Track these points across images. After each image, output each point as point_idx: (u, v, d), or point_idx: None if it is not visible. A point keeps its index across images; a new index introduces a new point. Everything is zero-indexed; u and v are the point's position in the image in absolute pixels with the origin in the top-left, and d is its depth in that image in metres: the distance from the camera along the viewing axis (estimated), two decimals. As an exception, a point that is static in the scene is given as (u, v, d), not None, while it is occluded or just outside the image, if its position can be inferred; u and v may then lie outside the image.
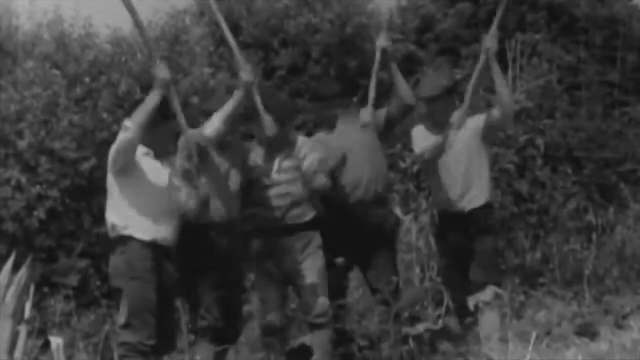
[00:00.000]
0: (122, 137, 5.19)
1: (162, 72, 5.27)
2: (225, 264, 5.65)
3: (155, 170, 5.37)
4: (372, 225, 6.00)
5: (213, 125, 5.46)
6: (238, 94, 5.54)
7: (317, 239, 5.92)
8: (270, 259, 5.86)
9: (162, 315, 5.40)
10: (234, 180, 5.71)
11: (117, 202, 5.33)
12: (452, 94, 5.98)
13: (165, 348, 5.48)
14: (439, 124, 5.90)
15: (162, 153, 5.46)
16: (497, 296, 6.01)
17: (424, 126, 6.03)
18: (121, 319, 5.30)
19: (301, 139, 5.89)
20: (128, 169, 5.28)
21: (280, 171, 5.81)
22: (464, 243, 5.98)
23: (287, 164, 5.81)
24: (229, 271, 5.69)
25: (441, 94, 5.86)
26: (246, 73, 5.49)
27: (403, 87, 5.96)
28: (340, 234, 5.97)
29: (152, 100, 5.23)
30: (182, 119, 5.31)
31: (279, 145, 5.78)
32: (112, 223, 5.34)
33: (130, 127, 5.15)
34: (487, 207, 6.07)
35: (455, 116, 5.84)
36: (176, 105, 5.31)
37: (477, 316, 6.01)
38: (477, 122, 5.93)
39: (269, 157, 5.81)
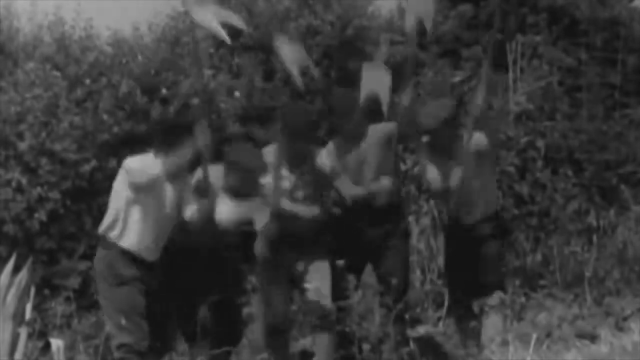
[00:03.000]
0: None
1: None
2: (221, 267, 5.68)
3: (166, 193, 5.39)
4: (384, 226, 6.07)
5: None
6: None
7: (322, 241, 5.95)
8: (275, 262, 5.90)
9: (155, 318, 5.45)
10: None
11: (118, 206, 5.35)
12: (453, 123, 5.96)
13: (163, 350, 5.51)
14: (441, 154, 5.94)
15: (179, 174, 5.48)
16: (501, 300, 6.04)
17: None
18: (118, 321, 5.32)
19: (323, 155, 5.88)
20: (146, 189, 5.31)
21: (294, 191, 5.83)
22: (471, 244, 6.04)
23: (303, 185, 5.80)
24: (227, 274, 5.70)
25: (440, 126, 5.84)
26: None
27: None
28: (352, 234, 6.05)
29: None
30: None
31: (295, 163, 5.79)
32: (109, 222, 5.38)
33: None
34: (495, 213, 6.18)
35: None
36: None
37: (480, 319, 6.03)
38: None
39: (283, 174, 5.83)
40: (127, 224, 5.33)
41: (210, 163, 5.41)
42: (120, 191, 5.39)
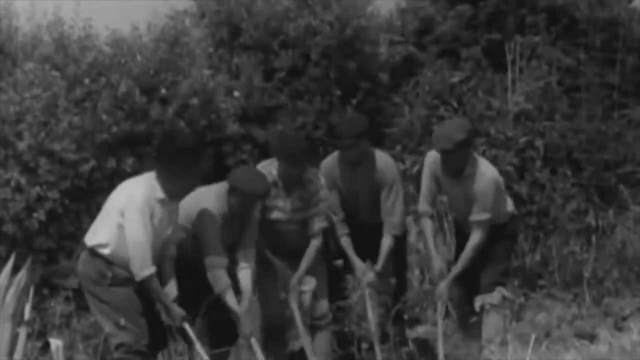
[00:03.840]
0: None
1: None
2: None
3: (162, 221, 5.37)
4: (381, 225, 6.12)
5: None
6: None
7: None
8: (271, 264, 5.92)
9: (147, 315, 5.45)
10: None
11: (119, 233, 5.32)
12: (467, 144, 5.99)
13: (157, 346, 5.51)
14: (453, 172, 6.00)
15: (179, 197, 5.48)
16: (504, 299, 6.05)
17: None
18: (119, 321, 5.31)
19: (320, 180, 5.97)
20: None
21: (292, 211, 5.85)
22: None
23: (298, 204, 5.86)
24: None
25: (454, 148, 5.87)
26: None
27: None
28: (352, 235, 6.10)
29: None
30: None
31: (292, 186, 5.86)
32: (103, 242, 5.35)
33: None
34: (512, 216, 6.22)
35: (441, 287, 6.11)
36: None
37: (481, 316, 6.04)
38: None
39: (286, 196, 5.88)
40: (121, 246, 5.31)
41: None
42: (113, 214, 5.34)
